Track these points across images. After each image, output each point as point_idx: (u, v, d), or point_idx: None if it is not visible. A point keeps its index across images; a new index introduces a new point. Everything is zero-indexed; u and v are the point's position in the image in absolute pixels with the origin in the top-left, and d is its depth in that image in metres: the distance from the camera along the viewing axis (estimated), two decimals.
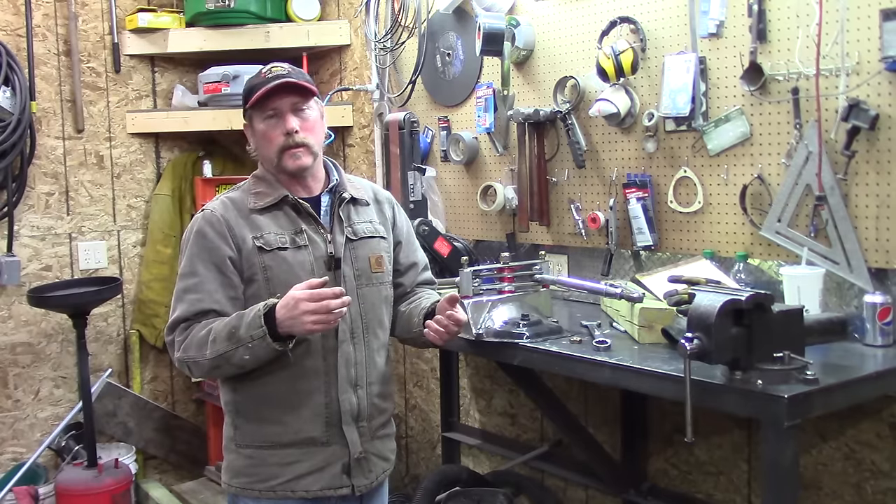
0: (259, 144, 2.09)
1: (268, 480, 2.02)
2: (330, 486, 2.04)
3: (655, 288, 2.29)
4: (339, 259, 2.05)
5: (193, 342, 1.95)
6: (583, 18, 2.85)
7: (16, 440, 3.79)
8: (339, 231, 2.09)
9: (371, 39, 3.61)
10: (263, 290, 1.99)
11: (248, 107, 2.07)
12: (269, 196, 2.06)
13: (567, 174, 2.95)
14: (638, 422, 2.84)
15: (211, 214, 2.04)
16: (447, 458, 3.45)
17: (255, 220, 2.03)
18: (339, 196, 2.11)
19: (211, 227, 2.01)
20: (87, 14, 3.89)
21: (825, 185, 2.24)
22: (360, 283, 2.09)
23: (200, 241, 2.01)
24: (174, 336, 2.00)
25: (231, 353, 1.90)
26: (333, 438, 2.03)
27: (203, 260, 1.99)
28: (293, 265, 2.01)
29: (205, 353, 1.93)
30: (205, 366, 1.95)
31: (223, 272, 1.99)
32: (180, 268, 2.04)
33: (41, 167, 3.80)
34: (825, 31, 2.21)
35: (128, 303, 4.07)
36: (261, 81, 2.04)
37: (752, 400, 1.75)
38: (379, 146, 3.71)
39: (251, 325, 1.88)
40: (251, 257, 2.00)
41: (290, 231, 2.04)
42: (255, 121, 2.07)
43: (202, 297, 1.98)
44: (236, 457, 2.07)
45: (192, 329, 1.97)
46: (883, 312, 2.10)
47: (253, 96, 2.03)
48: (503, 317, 2.34)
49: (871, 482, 2.30)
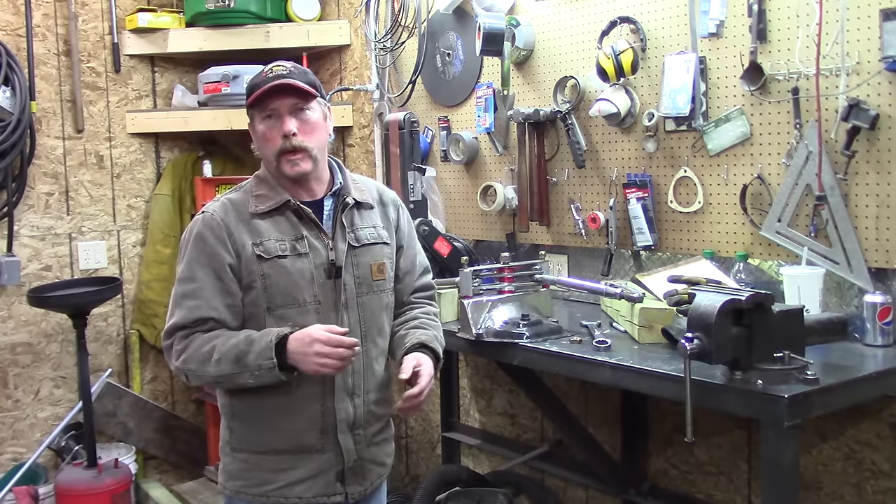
0: (259, 145, 2.04)
1: (261, 485, 2.01)
2: (323, 493, 2.02)
3: (655, 288, 2.29)
4: (340, 267, 2.00)
5: (195, 356, 1.92)
6: (583, 18, 2.85)
7: (16, 440, 3.79)
8: (342, 237, 2.03)
9: (371, 39, 3.61)
10: (262, 297, 1.96)
11: (247, 106, 2.03)
12: (270, 200, 2.00)
13: (567, 174, 2.95)
14: (638, 422, 2.84)
15: (211, 218, 1.98)
16: (447, 458, 3.45)
17: (256, 226, 1.98)
18: (343, 201, 2.05)
19: (211, 232, 1.96)
20: (87, 14, 3.89)
21: (825, 185, 2.24)
22: (361, 291, 2.05)
23: (200, 246, 1.96)
24: (172, 342, 1.96)
25: (235, 375, 1.89)
26: (328, 446, 2.01)
27: (202, 265, 1.95)
28: (292, 273, 1.96)
29: (207, 370, 1.90)
30: (204, 379, 1.95)
31: (222, 279, 1.95)
32: (179, 271, 1.99)
33: (41, 167, 3.80)
34: (825, 31, 2.21)
35: (128, 303, 4.07)
36: (261, 80, 1.98)
37: (752, 400, 1.76)
38: (379, 146, 3.71)
39: (261, 355, 1.87)
40: (250, 265, 1.95)
41: (291, 237, 1.99)
42: (256, 120, 2.02)
43: (200, 304, 1.93)
44: (231, 460, 2.05)
45: (192, 339, 1.93)
46: (883, 312, 2.10)
47: (252, 96, 1.98)
48: (503, 317, 2.35)
49: (871, 482, 2.30)
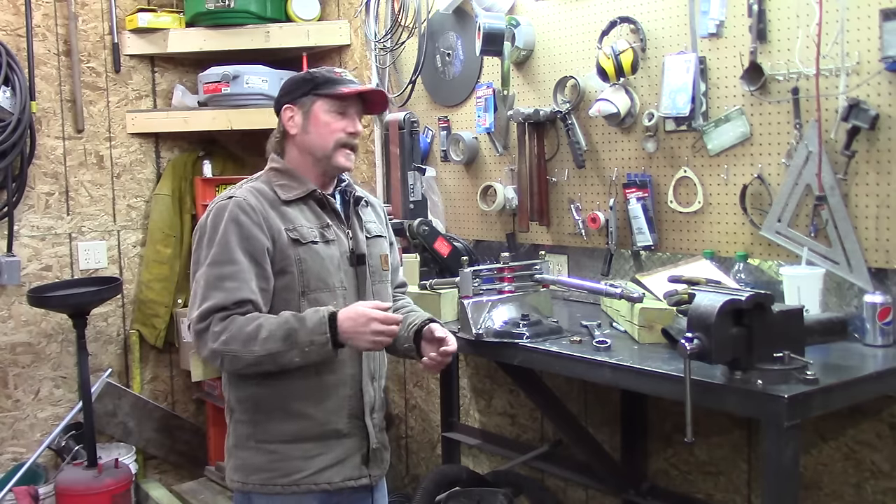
0: (315, 132, 2.06)
1: (291, 475, 2.02)
2: (351, 476, 2.07)
3: (655, 288, 2.29)
4: (362, 255, 2.09)
5: (239, 336, 1.88)
6: (583, 18, 2.85)
7: (16, 440, 3.79)
8: (359, 228, 2.14)
9: (371, 39, 3.60)
10: (297, 282, 1.99)
11: (315, 91, 2.06)
12: (296, 189, 2.06)
13: (567, 174, 2.95)
14: (638, 422, 2.84)
15: (244, 202, 1.98)
16: (447, 458, 3.44)
17: (285, 212, 2.02)
18: (353, 196, 2.17)
19: (246, 216, 1.96)
20: (87, 14, 3.89)
21: (825, 185, 2.24)
22: (375, 280, 2.14)
23: (237, 229, 1.95)
24: (209, 324, 1.91)
25: (282, 353, 1.88)
26: (354, 430, 2.07)
27: (241, 248, 1.94)
28: (325, 259, 2.02)
29: (252, 349, 1.88)
30: (247, 360, 1.90)
31: (259, 263, 1.95)
32: (210, 254, 1.95)
33: (41, 167, 3.80)
34: (825, 31, 2.21)
35: (128, 303, 4.07)
36: (343, 79, 2.08)
37: (752, 400, 1.75)
38: (379, 146, 3.71)
39: (314, 331, 1.88)
40: (285, 249, 1.98)
41: (318, 225, 2.05)
42: (318, 109, 2.06)
43: (240, 286, 1.92)
44: (254, 453, 2.04)
45: (233, 321, 1.90)
46: (883, 312, 2.10)
47: (335, 88, 2.04)
48: (503, 317, 2.35)
49: (871, 482, 2.30)
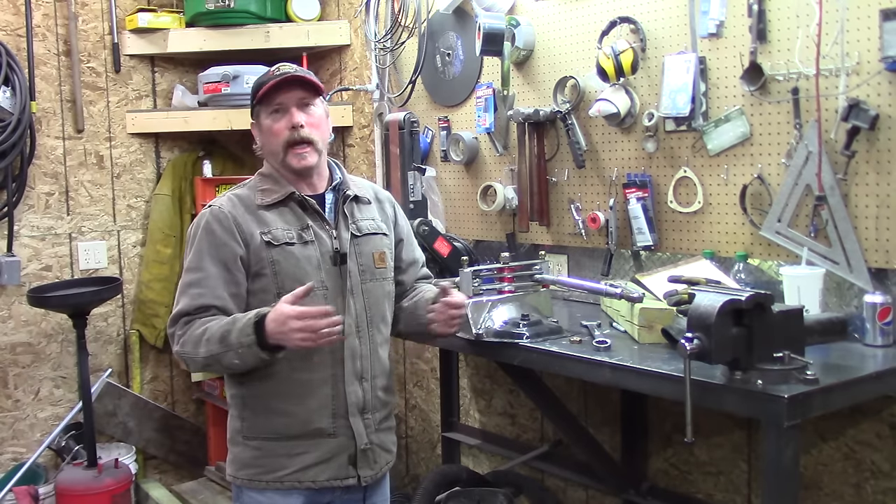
0: (265, 140, 2.13)
1: (275, 471, 2.06)
2: (336, 476, 2.09)
3: (655, 288, 2.29)
4: (344, 254, 2.10)
5: (190, 339, 2.00)
6: (583, 18, 2.85)
7: (16, 440, 3.79)
8: (344, 227, 2.13)
9: (371, 39, 3.60)
10: (272, 284, 2.04)
11: (255, 102, 2.12)
12: (275, 193, 2.10)
13: (567, 174, 2.95)
14: (638, 422, 2.84)
15: (219, 211, 2.07)
16: (447, 458, 3.45)
17: (262, 216, 2.07)
18: (343, 194, 2.16)
19: (219, 224, 2.05)
20: (87, 14, 3.89)
21: (825, 185, 2.24)
22: (365, 279, 2.14)
23: (208, 237, 2.05)
24: (175, 329, 2.04)
25: (221, 356, 1.95)
26: (340, 430, 2.08)
27: (210, 256, 2.03)
28: (300, 260, 2.05)
29: (199, 351, 1.98)
30: (199, 363, 2.02)
31: (229, 269, 2.03)
32: (186, 262, 2.08)
33: (41, 167, 3.80)
34: (825, 31, 2.21)
35: (128, 303, 4.07)
36: (268, 78, 2.09)
37: (752, 400, 1.75)
38: (379, 146, 3.71)
39: (242, 332, 1.92)
40: (259, 252, 2.04)
41: (297, 227, 2.08)
42: (262, 116, 2.12)
43: (204, 293, 2.02)
44: (243, 449, 2.10)
45: (192, 325, 2.01)
46: (883, 312, 2.10)
47: (260, 91, 2.08)
48: (503, 317, 2.35)
49: (871, 482, 2.30)
